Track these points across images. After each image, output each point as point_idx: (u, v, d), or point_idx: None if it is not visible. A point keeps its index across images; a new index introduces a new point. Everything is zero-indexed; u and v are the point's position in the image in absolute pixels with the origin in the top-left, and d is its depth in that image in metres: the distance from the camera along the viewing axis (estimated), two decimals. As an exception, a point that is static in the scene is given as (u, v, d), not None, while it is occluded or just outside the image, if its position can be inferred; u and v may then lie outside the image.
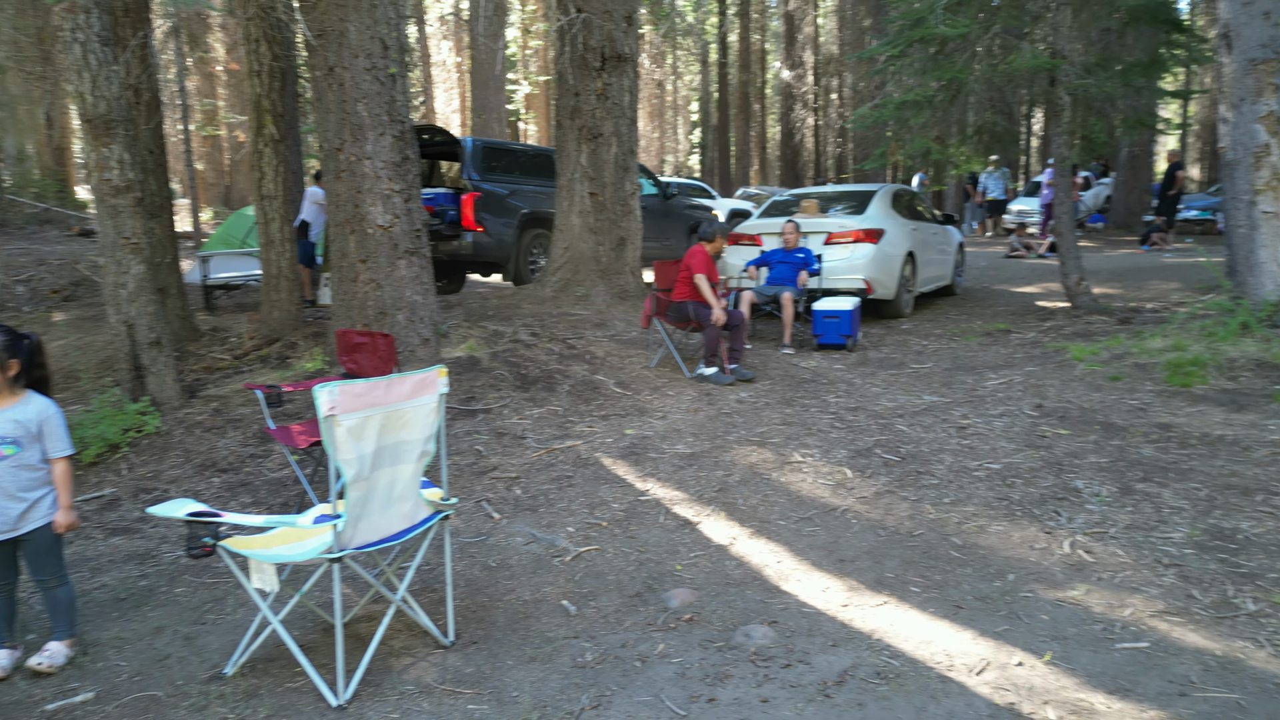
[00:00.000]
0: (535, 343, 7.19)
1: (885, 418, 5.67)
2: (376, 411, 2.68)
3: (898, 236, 9.55)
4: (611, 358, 7.17)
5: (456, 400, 5.96)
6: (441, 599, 3.38)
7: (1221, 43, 6.92)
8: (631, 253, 9.95)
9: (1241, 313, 6.54)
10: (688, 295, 6.92)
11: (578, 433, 5.50)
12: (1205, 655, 2.72)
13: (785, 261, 8.43)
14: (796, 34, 39.47)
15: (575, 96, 9.60)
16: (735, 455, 4.98)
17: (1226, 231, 7.10)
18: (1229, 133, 6.89)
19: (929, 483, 4.42)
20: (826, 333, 7.97)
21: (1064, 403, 5.83)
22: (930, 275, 10.75)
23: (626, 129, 9.72)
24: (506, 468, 4.87)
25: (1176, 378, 5.96)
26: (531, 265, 11.35)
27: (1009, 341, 8.07)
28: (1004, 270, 14.17)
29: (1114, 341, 7.19)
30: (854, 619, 3.10)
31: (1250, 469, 4.34)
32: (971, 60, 9.15)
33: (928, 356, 7.72)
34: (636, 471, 4.76)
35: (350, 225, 6.46)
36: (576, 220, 9.73)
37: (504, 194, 11.00)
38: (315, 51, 6.36)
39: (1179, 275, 11.90)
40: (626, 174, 9.79)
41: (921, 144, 9.39)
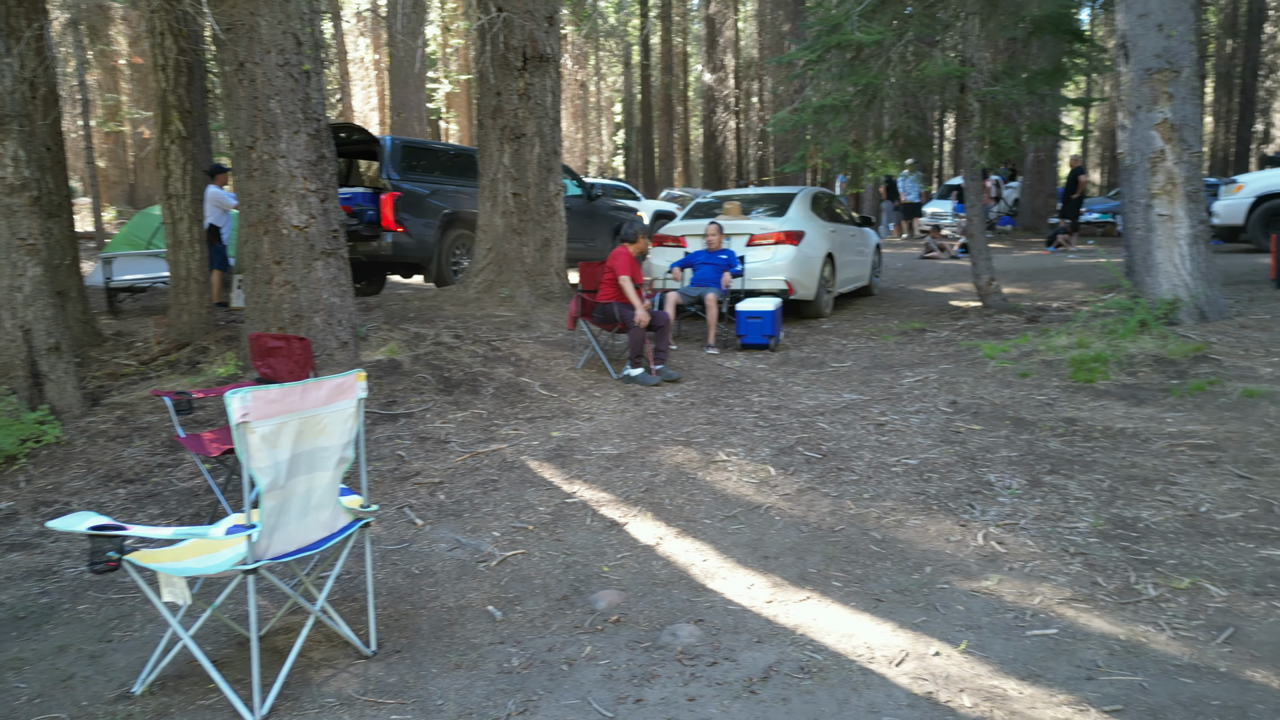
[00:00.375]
0: (458, 345, 7.09)
1: (807, 416, 5.77)
2: (292, 417, 2.61)
3: (817, 238, 9.73)
4: (537, 360, 7.13)
5: (377, 404, 5.84)
6: (363, 608, 3.30)
7: (1120, 53, 7.25)
8: (556, 254, 9.91)
9: (1139, 311, 6.86)
10: (613, 296, 6.93)
11: (503, 436, 5.44)
12: (1110, 640, 2.84)
13: (709, 263, 8.51)
14: (718, 37, 39.90)
15: (497, 96, 9.52)
16: (662, 455, 5.01)
17: (1125, 233, 7.44)
18: (1127, 139, 7.22)
19: (849, 479, 4.51)
20: (750, 333, 8.07)
21: (977, 399, 6.03)
22: (849, 276, 10.99)
23: (550, 129, 9.67)
24: (429, 473, 4.79)
25: (1081, 374, 6.22)
26: (454, 266, 11.20)
27: (924, 340, 8.31)
28: (919, 271, 14.59)
29: (1023, 339, 7.46)
30: (778, 615, 3.14)
31: (1149, 460, 4.56)
32: (886, 66, 9.39)
33: (847, 355, 7.89)
34: (563, 474, 4.74)
35: (264, 226, 6.26)
36: (500, 221, 9.63)
37: (425, 194, 10.83)
38: (224, 46, 6.15)
39: (1082, 275, 12.43)
40: (550, 174, 9.74)
41: (839, 147, 9.59)
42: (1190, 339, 6.48)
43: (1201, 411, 5.31)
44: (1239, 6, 30.05)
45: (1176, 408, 5.43)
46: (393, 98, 24.70)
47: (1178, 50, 6.95)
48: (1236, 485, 4.14)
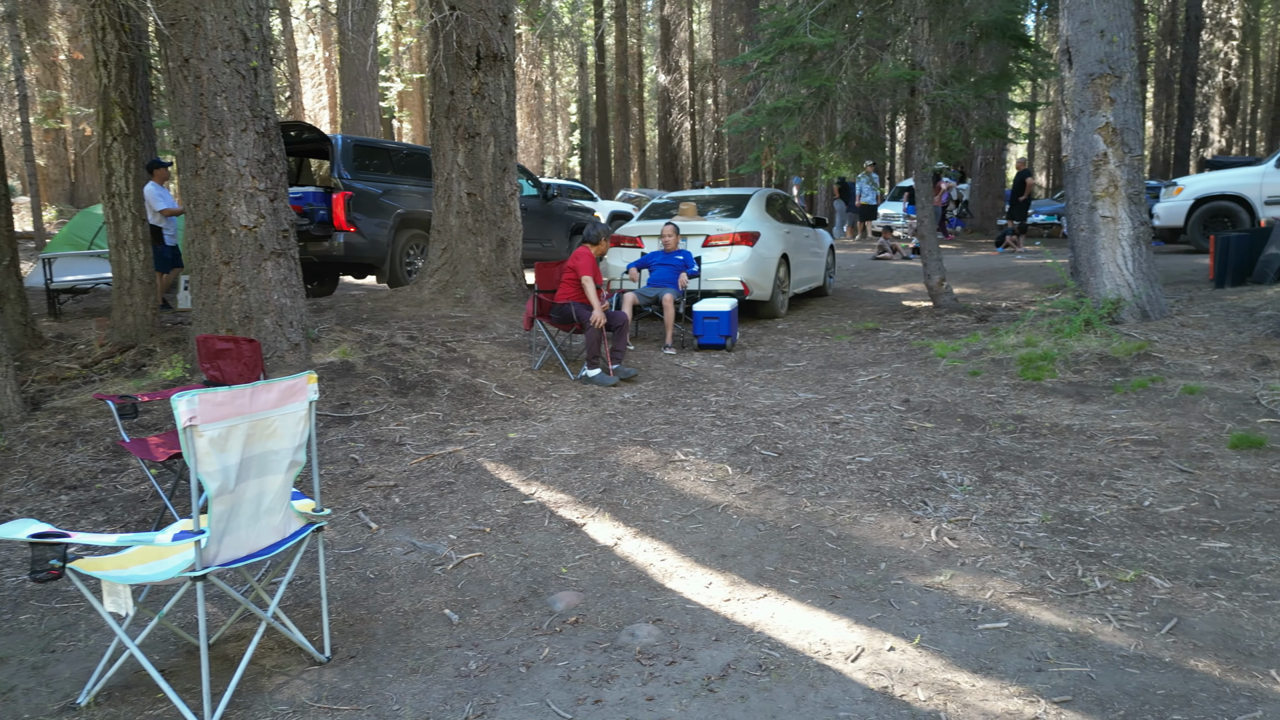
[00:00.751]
0: (413, 346, 7.02)
1: (763, 415, 5.81)
2: (241, 421, 2.55)
3: (772, 239, 9.81)
4: (493, 361, 7.08)
5: (330, 407, 5.75)
6: (316, 614, 3.25)
7: (1063, 58, 7.42)
8: (512, 254, 9.85)
9: (1084, 311, 7.03)
10: (571, 296, 6.91)
11: (459, 438, 5.39)
12: (1059, 632, 2.91)
13: (665, 264, 8.53)
14: (672, 39, 40.04)
15: (450, 95, 9.43)
16: (620, 456, 5.00)
17: (1070, 235, 7.62)
18: (1071, 142, 7.40)
19: (805, 477, 4.55)
20: (706, 333, 8.11)
21: (929, 397, 6.12)
22: (804, 276, 11.10)
23: (504, 129, 9.61)
24: (384, 476, 4.73)
25: (1029, 372, 6.36)
26: (408, 267, 11.08)
27: (877, 339, 8.42)
28: (872, 271, 14.79)
29: (973, 339, 7.60)
30: (736, 613, 3.15)
31: (1095, 456, 4.67)
32: (838, 69, 9.50)
33: (802, 355, 7.97)
34: (520, 475, 4.71)
35: (211, 225, 6.13)
36: (455, 221, 9.55)
37: (378, 193, 10.71)
38: (168, 41, 6.01)
39: (1029, 276, 12.71)
40: (505, 174, 9.68)
41: (793, 149, 9.68)
42: (1133, 338, 6.66)
43: (1144, 408, 5.46)
44: (1177, 14, 31.00)
45: (1120, 404, 5.58)
46: (344, 96, 24.36)
47: (1119, 56, 7.14)
48: (1179, 479, 4.26)
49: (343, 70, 24.76)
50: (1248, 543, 3.52)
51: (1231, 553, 3.44)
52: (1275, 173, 13.25)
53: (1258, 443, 4.63)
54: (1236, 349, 6.25)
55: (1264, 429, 4.89)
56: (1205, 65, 34.04)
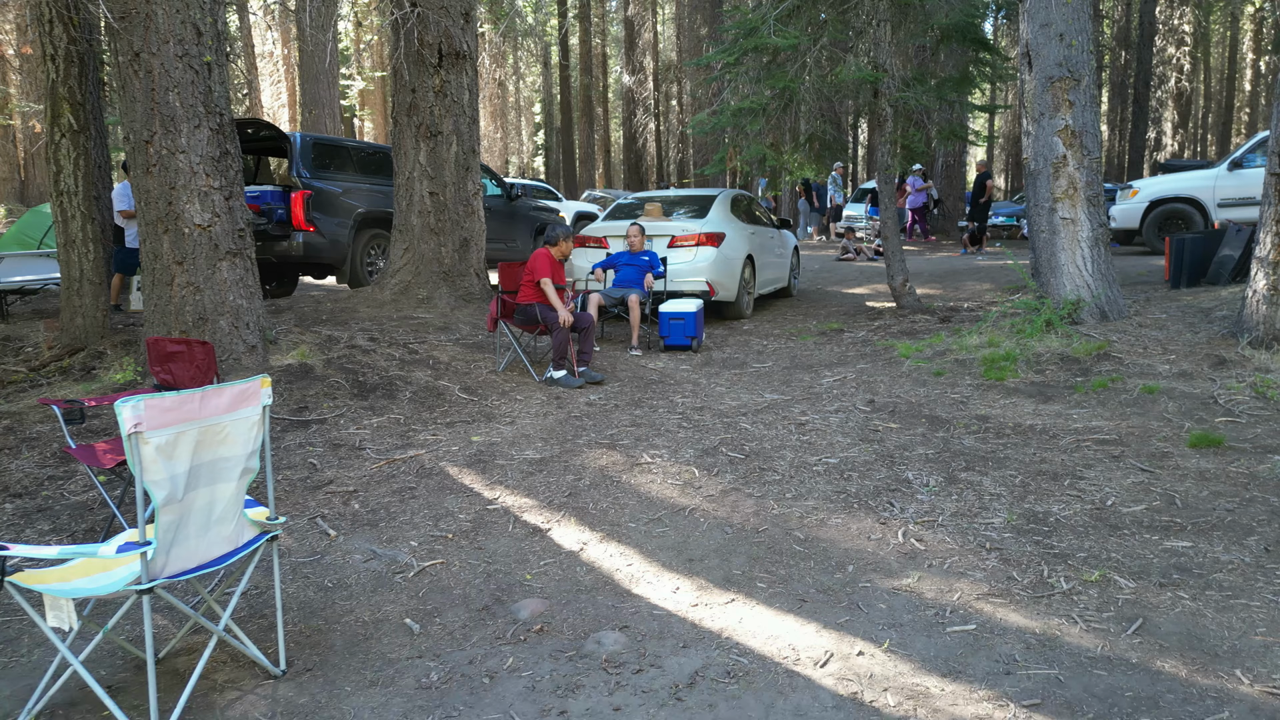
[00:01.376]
0: (374, 348, 6.89)
1: (730, 416, 5.78)
2: (190, 427, 2.45)
3: (738, 240, 9.81)
4: (457, 362, 6.98)
5: (287, 411, 5.61)
6: (271, 625, 3.15)
7: (1023, 61, 7.50)
8: (475, 254, 9.74)
9: (1045, 311, 7.10)
10: (533, 298, 6.83)
11: (420, 442, 5.29)
12: (1027, 634, 2.90)
13: (631, 264, 8.48)
14: (637, 39, 40.01)
15: (412, 93, 9.30)
16: (585, 459, 4.94)
17: (1030, 236, 7.70)
18: (1031, 145, 7.48)
19: (772, 479, 4.52)
20: (672, 334, 8.07)
21: (893, 398, 6.14)
22: (769, 278, 11.11)
23: (467, 127, 9.50)
24: (343, 481, 4.62)
25: (992, 372, 6.40)
26: (369, 268, 10.92)
27: (842, 340, 8.45)
28: (836, 272, 14.87)
29: (936, 339, 7.65)
30: (703, 619, 3.11)
31: (1058, 455, 4.70)
32: (802, 71, 9.52)
33: (768, 356, 7.96)
34: (484, 480, 4.63)
35: (163, 224, 5.96)
36: (417, 220, 9.42)
37: (338, 192, 10.53)
38: (119, 35, 5.84)
39: (990, 277, 12.86)
40: (468, 173, 9.57)
41: (758, 150, 9.69)
42: (1092, 338, 6.74)
43: (1105, 408, 5.51)
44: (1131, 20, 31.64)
45: (1081, 404, 5.63)
46: (303, 94, 23.99)
47: (1078, 59, 7.23)
48: (1140, 479, 4.29)
49: (302, 68, 24.39)
50: (1209, 541, 3.55)
51: (1194, 551, 3.46)
52: (1228, 176, 13.55)
53: (1216, 441, 4.69)
54: (1193, 349, 6.35)
55: (1222, 428, 4.96)
56: (1159, 70, 34.78)
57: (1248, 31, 42.95)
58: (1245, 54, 44.01)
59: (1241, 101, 45.22)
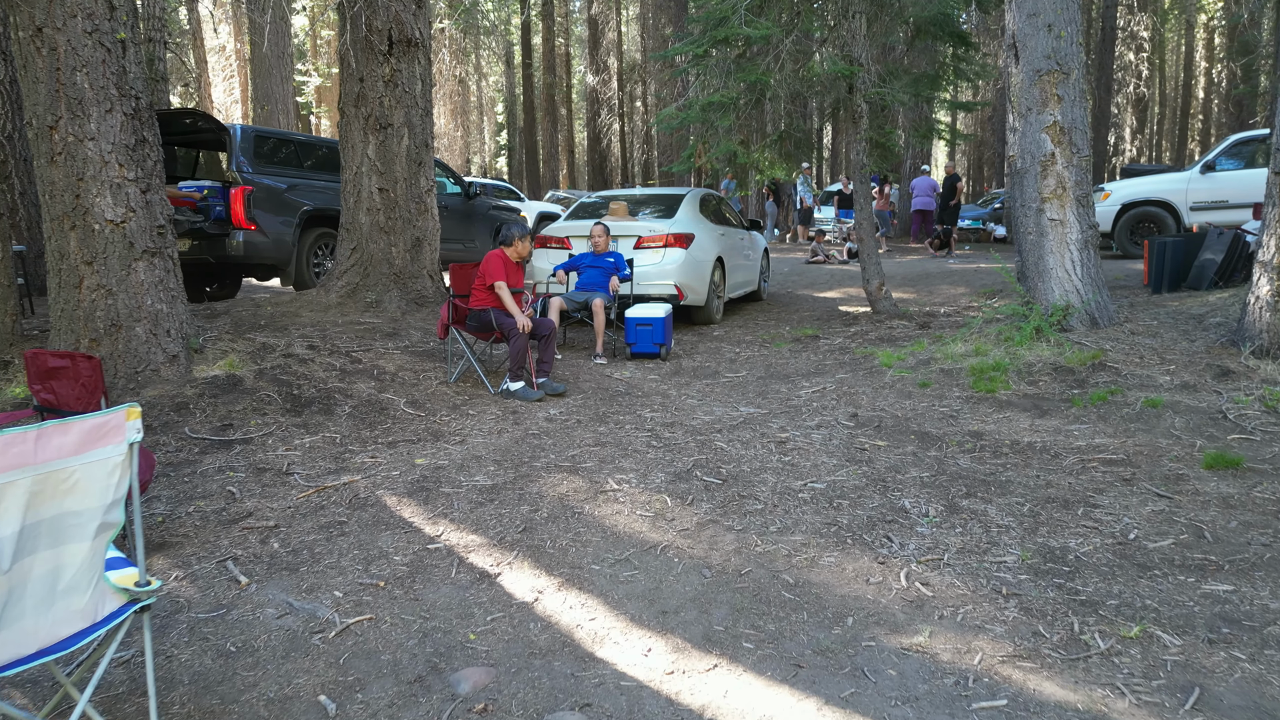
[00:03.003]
0: (313, 357, 6.29)
1: (703, 433, 5.28)
2: (20, 475, 1.89)
3: (707, 242, 9.33)
4: (404, 373, 6.40)
5: (209, 429, 5.00)
6: (162, 704, 2.58)
7: (1009, 54, 7.11)
8: (429, 254, 9.15)
9: (1034, 318, 6.70)
10: (488, 302, 6.27)
11: (357, 465, 4.71)
12: (1067, 711, 2.43)
13: (595, 266, 7.96)
14: (600, 38, 39.49)
15: (360, 83, 8.69)
16: (543, 485, 4.40)
17: (1016, 238, 7.31)
18: (1018, 142, 7.08)
19: (753, 508, 4.03)
20: (640, 341, 7.56)
21: (878, 411, 5.68)
22: (739, 281, 10.66)
23: (419, 119, 8.91)
24: (264, 514, 4.04)
25: (981, 383, 5.98)
26: (317, 269, 10.27)
27: (818, 348, 7.99)
28: (806, 276, 14.46)
29: (918, 346, 7.22)
30: (681, 692, 2.60)
31: (1064, 478, 4.27)
32: (775, 64, 9.07)
33: (741, 364, 7.48)
34: (426, 512, 4.07)
35: (70, 220, 5.33)
36: (365, 218, 8.81)
37: (283, 188, 9.88)
38: (17, 7, 5.19)
39: (965, 280, 12.52)
40: (421, 168, 8.98)
41: (728, 147, 9.22)
42: (1085, 346, 6.35)
43: (1106, 423, 5.10)
44: (1092, 24, 31.79)
45: (1081, 419, 5.22)
46: (256, 89, 23.12)
47: (1067, 52, 6.85)
48: (1159, 506, 3.87)
49: (254, 62, 23.52)
50: (1252, 584, 3.11)
51: (1238, 598, 3.02)
52: (1201, 179, 13.37)
53: (1234, 462, 4.29)
54: (1192, 358, 5.98)
55: (1237, 446, 4.57)
56: (1118, 76, 35.06)
57: (1201, 39, 43.58)
58: (1199, 62, 44.66)
59: (1195, 108, 45.89)
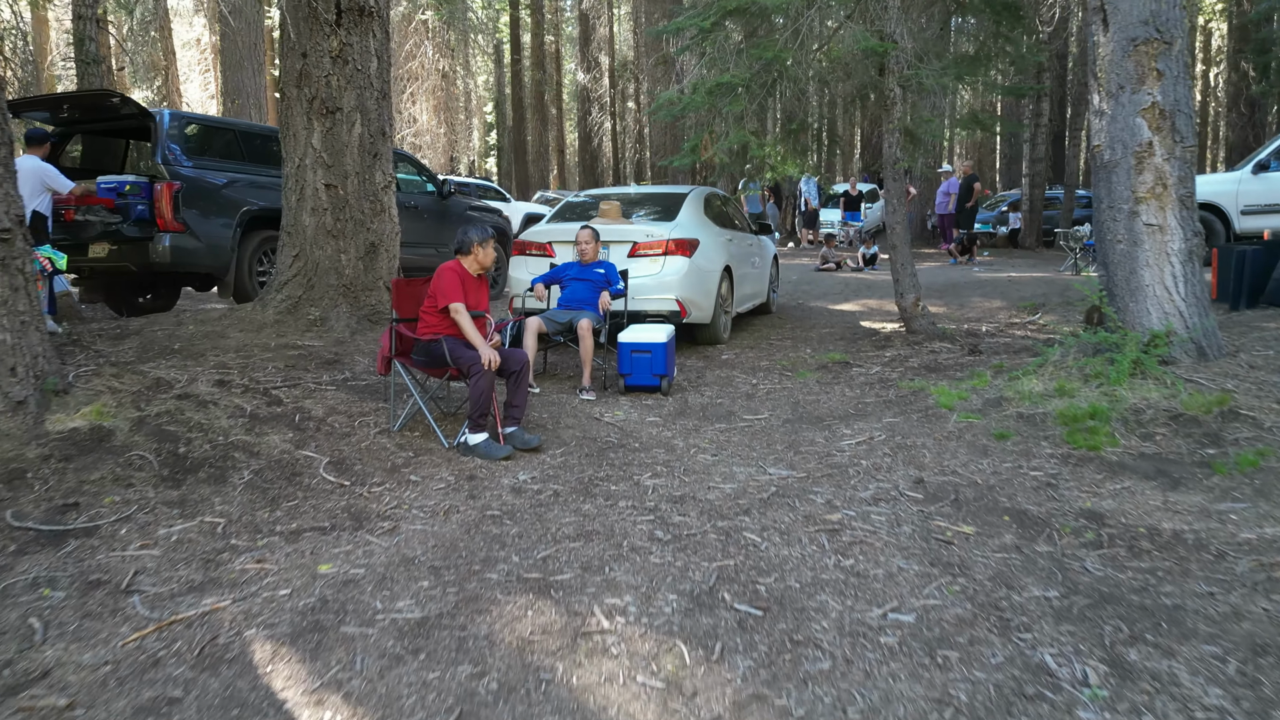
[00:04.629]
0: (218, 397, 4.89)
1: (725, 514, 3.90)
2: None
3: (713, 248, 7.98)
4: (335, 418, 5.00)
5: (42, 512, 3.60)
6: None
7: (1096, 18, 5.76)
8: (386, 262, 7.76)
9: (1129, 348, 5.35)
10: (441, 329, 4.88)
11: (232, 578, 3.31)
12: None
13: (582, 279, 6.59)
14: (591, 34, 38.20)
15: (303, 59, 7.30)
16: (497, 619, 3.01)
17: (1100, 247, 5.97)
18: (1105, 128, 5.74)
19: (817, 667, 2.65)
20: (636, 372, 6.18)
21: (948, 474, 4.33)
22: (747, 292, 9.32)
23: (375, 103, 7.52)
24: (62, 676, 2.63)
25: (1078, 436, 4.62)
26: (262, 278, 8.88)
27: (852, 378, 6.62)
28: (817, 285, 13.10)
29: (979, 381, 5.87)
30: None
31: (1255, 601, 2.92)
32: (794, 40, 7.73)
33: (761, 401, 6.10)
34: (311, 674, 2.67)
35: None
36: (309, 220, 7.42)
37: (219, 184, 8.49)
38: None
39: (998, 292, 11.19)
40: (376, 161, 7.59)
41: (740, 137, 7.85)
42: (1204, 386, 5.00)
43: (1270, 501, 3.76)
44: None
45: (1232, 494, 3.87)
46: (225, 82, 21.71)
47: (1169, 16, 5.51)
48: None
49: (224, 54, 22.11)
50: None
51: None
52: (1253, 180, 12.08)
53: None
54: (1351, 405, 4.64)
55: None
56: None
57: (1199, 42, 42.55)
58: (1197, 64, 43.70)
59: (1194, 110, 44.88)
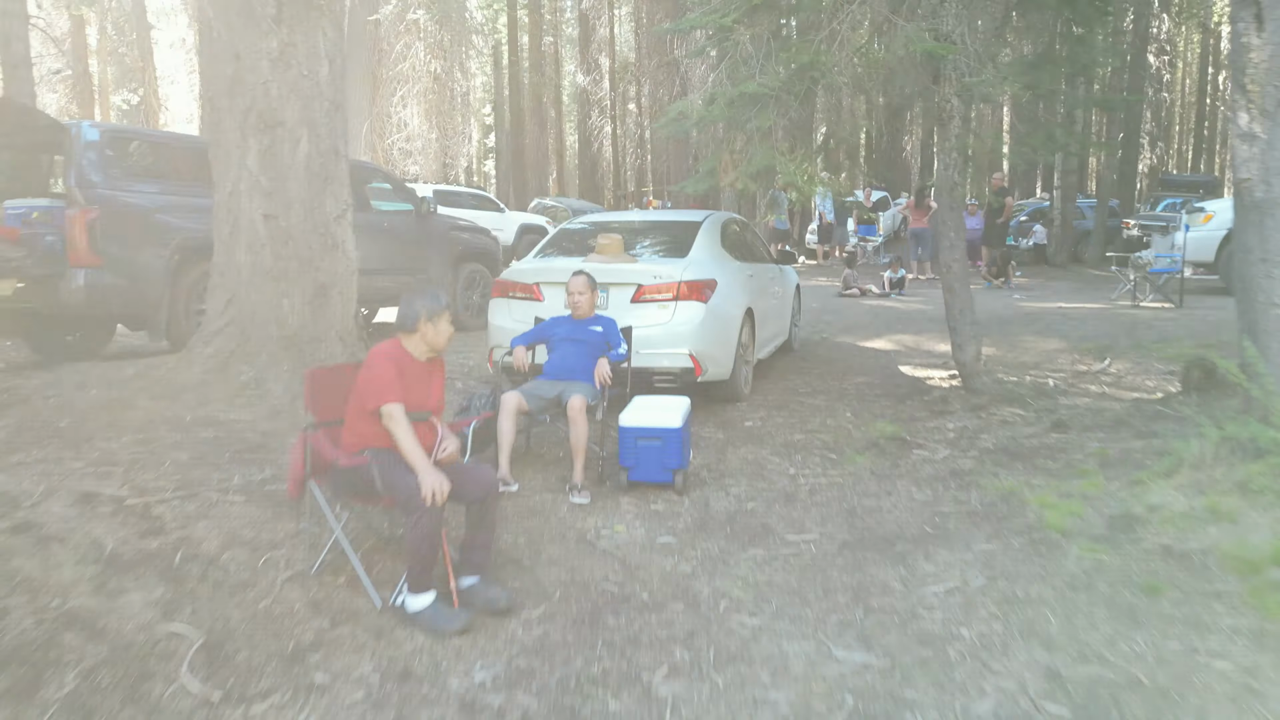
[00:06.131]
0: (74, 524, 3.53)
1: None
2: None
3: (733, 289, 6.65)
4: (234, 553, 3.64)
5: None
6: None
7: (1246, 15, 4.42)
8: (340, 307, 6.41)
9: (1302, 448, 4.00)
10: (371, 439, 3.50)
11: None
12: None
13: (574, 339, 5.24)
14: (592, 35, 36.93)
15: (236, 60, 5.97)
16: None
17: (1244, 303, 4.63)
18: (1258, 156, 4.39)
19: None
20: (642, 464, 4.79)
21: (1092, 661, 3.00)
22: (770, 334, 7.98)
23: (325, 116, 6.19)
24: None
25: (1269, 601, 3.27)
26: (200, 320, 7.53)
27: (915, 467, 5.24)
28: (841, 314, 11.72)
29: (1089, 483, 4.52)
30: None
31: None
32: (832, 41, 6.39)
33: (805, 505, 4.73)
34: None
35: None
36: (244, 258, 6.08)
37: (146, 209, 7.18)
38: None
39: (1051, 326, 9.82)
40: (328, 185, 6.25)
41: (767, 158, 6.49)
42: None
43: None
44: (1124, 25, 29.24)
45: None
46: (203, 87, 20.37)
47: (1349, 11, 4.18)
48: None
49: (201, 51, 20.76)
50: None
51: None
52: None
53: None
54: None
55: None
56: (1145, 81, 32.58)
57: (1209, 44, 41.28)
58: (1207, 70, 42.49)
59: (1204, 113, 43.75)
